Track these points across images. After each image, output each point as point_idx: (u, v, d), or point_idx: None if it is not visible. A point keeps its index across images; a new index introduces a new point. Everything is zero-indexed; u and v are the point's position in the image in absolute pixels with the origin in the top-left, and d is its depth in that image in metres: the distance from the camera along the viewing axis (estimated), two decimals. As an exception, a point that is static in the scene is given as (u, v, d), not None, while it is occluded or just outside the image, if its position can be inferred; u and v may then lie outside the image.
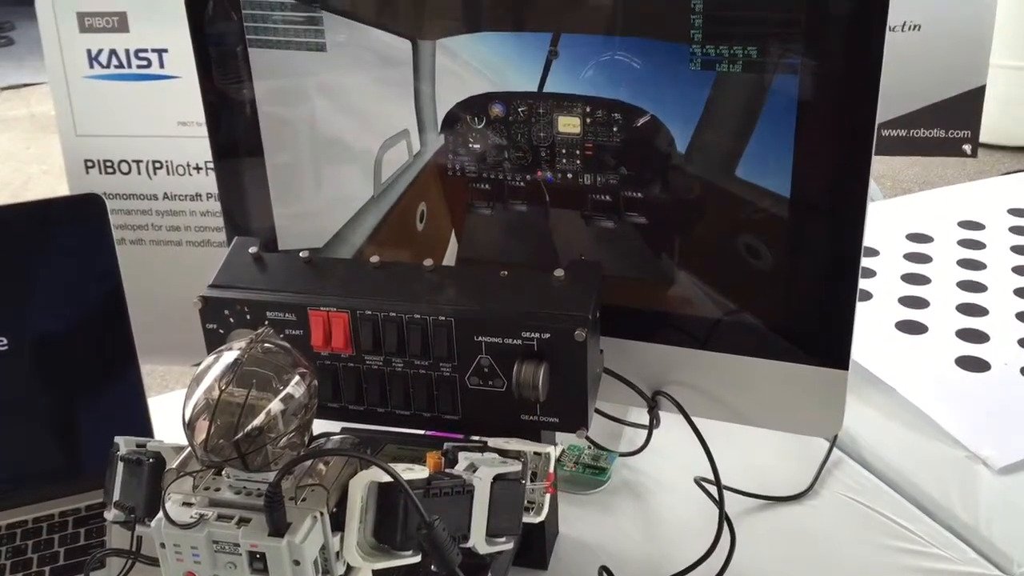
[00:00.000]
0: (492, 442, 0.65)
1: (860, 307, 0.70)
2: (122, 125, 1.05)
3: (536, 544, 0.75)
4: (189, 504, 0.56)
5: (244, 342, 0.56)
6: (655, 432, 0.79)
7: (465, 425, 0.70)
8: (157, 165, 1.06)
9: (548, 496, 0.65)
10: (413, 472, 0.57)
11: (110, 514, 0.62)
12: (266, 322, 0.70)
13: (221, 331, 0.71)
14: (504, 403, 0.68)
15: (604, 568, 0.73)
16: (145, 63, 1.03)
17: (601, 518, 0.81)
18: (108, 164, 1.07)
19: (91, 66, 1.03)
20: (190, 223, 1.08)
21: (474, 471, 0.61)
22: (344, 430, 0.70)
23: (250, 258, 0.73)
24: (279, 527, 0.54)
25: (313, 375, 0.57)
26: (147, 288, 0.89)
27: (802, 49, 0.66)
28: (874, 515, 0.81)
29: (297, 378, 0.55)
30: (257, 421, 0.53)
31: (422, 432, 0.72)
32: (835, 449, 0.87)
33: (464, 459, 0.62)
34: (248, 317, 0.70)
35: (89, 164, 1.06)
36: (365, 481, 0.56)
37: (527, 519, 0.65)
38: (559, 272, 0.69)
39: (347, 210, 0.83)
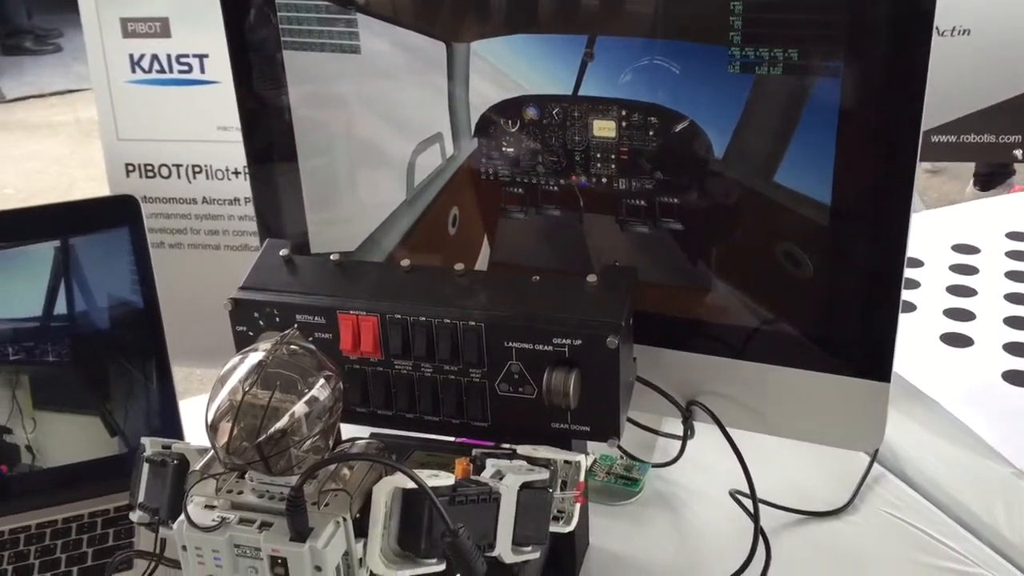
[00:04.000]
0: (521, 449, 0.63)
1: (904, 318, 0.69)
2: (163, 130, 1.05)
3: (566, 556, 0.73)
4: (211, 507, 0.56)
5: (269, 343, 0.55)
6: (689, 443, 0.78)
7: (494, 432, 0.69)
8: (196, 169, 1.07)
9: (578, 506, 0.64)
10: (438, 479, 0.56)
11: (135, 515, 0.62)
12: (295, 324, 0.69)
13: (251, 333, 0.71)
14: (534, 410, 0.67)
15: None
16: (186, 68, 1.03)
17: (633, 530, 0.80)
18: (148, 168, 1.07)
19: (133, 71, 1.04)
20: (228, 227, 1.08)
21: (501, 478, 0.60)
22: (372, 435, 0.70)
23: (280, 260, 0.73)
24: (301, 532, 0.53)
25: (339, 378, 0.56)
26: (185, 291, 0.89)
27: (844, 52, 0.64)
28: (915, 532, 0.79)
29: (322, 381, 0.55)
30: (280, 424, 0.52)
31: (451, 439, 0.71)
32: (875, 464, 0.84)
33: (491, 466, 0.61)
34: (278, 319, 0.70)
35: (130, 168, 1.07)
36: (389, 487, 0.55)
37: (556, 528, 0.63)
38: (592, 278, 0.68)
39: (379, 214, 0.83)
